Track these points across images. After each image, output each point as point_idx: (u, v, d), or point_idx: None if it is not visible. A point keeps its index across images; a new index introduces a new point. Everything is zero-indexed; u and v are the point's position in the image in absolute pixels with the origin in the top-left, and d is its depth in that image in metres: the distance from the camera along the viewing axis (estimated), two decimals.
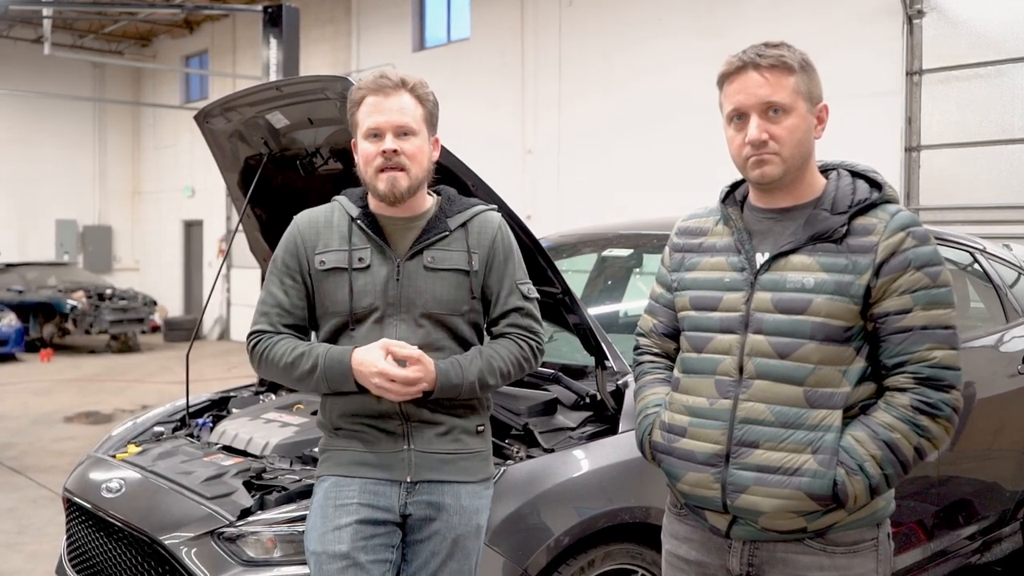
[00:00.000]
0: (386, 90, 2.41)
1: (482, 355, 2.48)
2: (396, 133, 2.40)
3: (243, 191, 3.86)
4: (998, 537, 4.44)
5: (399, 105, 2.41)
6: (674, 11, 11.20)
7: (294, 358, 2.42)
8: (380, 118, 2.40)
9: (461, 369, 2.43)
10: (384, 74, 2.44)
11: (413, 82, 2.45)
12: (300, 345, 2.45)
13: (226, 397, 4.10)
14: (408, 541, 2.47)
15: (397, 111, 2.40)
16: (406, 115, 2.41)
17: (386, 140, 2.39)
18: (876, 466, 1.97)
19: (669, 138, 10.99)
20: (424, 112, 2.46)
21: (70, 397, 11.57)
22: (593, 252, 4.81)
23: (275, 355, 2.45)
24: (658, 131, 11.13)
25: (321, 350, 2.41)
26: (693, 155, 10.68)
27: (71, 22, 19.42)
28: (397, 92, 2.42)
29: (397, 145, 2.39)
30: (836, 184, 2.09)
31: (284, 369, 2.45)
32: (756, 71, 2.04)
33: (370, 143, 2.42)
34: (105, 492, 3.17)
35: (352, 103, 2.46)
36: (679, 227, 2.34)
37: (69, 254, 21.26)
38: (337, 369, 2.37)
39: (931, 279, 1.98)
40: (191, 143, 20.12)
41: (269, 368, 2.49)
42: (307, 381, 2.43)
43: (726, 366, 2.09)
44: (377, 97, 2.41)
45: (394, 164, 2.39)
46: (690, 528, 2.23)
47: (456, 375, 2.42)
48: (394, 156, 2.38)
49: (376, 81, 2.43)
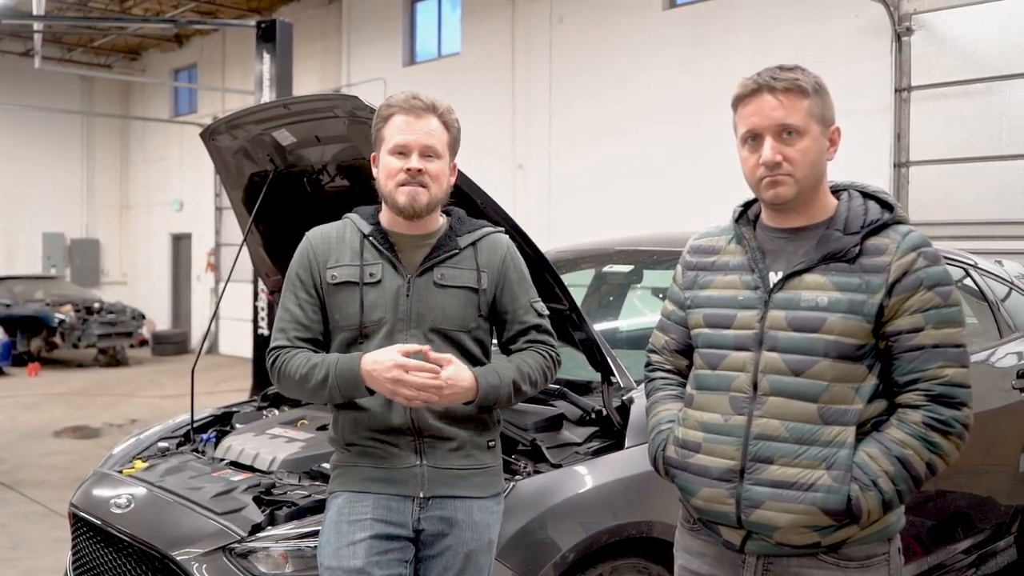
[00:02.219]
0: (417, 111, 2.47)
1: (511, 362, 2.54)
2: (422, 153, 2.45)
3: (247, 208, 3.89)
4: (993, 551, 4.48)
5: (428, 128, 2.47)
6: (665, 28, 11.27)
7: (307, 370, 2.45)
8: (409, 137, 2.45)
9: (498, 375, 2.48)
10: (416, 95, 2.49)
11: (443, 108, 2.51)
12: (313, 357, 2.48)
13: (229, 412, 4.11)
14: (421, 556, 2.50)
15: (425, 133, 2.46)
16: (433, 137, 2.47)
17: (412, 159, 2.44)
18: (889, 482, 2.00)
19: (661, 155, 11.04)
20: (449, 138, 2.52)
21: (59, 411, 11.52)
22: (591, 268, 4.85)
23: (290, 369, 2.48)
24: (650, 147, 11.19)
25: (332, 359, 2.45)
26: (685, 171, 10.75)
27: (60, 36, 19.37)
28: (428, 115, 2.48)
29: (422, 164, 2.44)
30: (848, 205, 2.14)
31: (299, 382, 2.48)
32: (771, 94, 2.08)
33: (395, 159, 2.46)
34: (114, 508, 3.17)
35: (380, 119, 2.51)
36: (691, 246, 2.37)
37: (56, 267, 21.14)
38: (347, 375, 2.39)
39: (942, 299, 2.03)
40: (180, 157, 20.12)
41: (286, 383, 2.52)
42: (321, 392, 2.46)
43: (740, 383, 2.13)
44: (408, 117, 2.47)
45: (417, 181, 2.44)
46: (703, 543, 2.26)
47: (495, 379, 2.46)
48: (418, 175, 2.44)
49: (408, 101, 2.48)
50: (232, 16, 16.85)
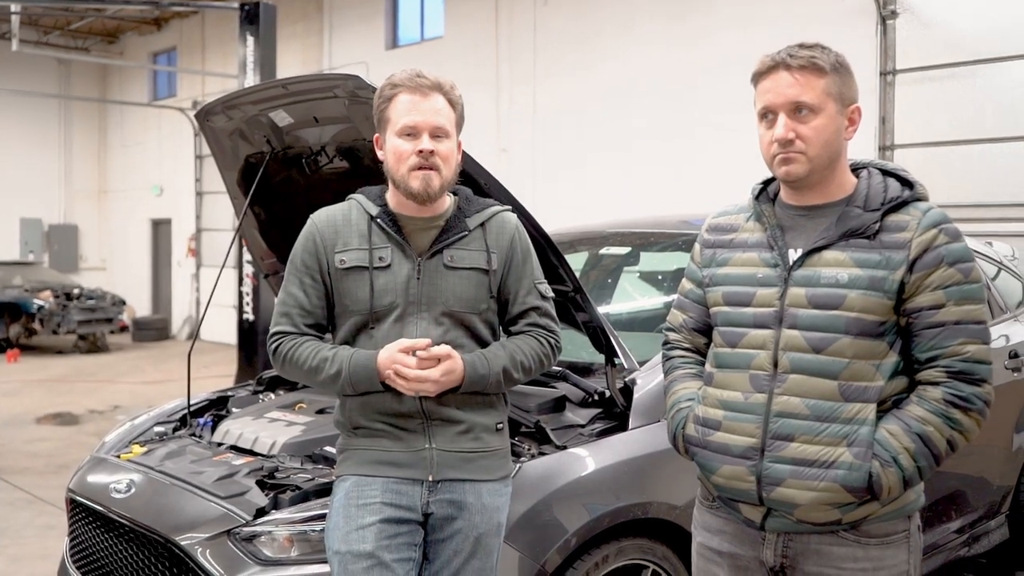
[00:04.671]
0: (424, 90, 2.41)
1: (505, 348, 2.51)
2: (432, 134, 2.40)
3: (243, 190, 3.84)
4: (985, 530, 4.52)
5: (436, 107, 2.41)
6: (648, 11, 11.24)
7: (318, 362, 2.43)
8: (418, 117, 2.39)
9: (487, 361, 2.45)
10: (420, 73, 2.44)
11: (447, 85, 2.46)
12: (323, 348, 2.45)
13: (224, 397, 4.07)
14: (430, 540, 2.48)
15: (434, 112, 2.41)
16: (442, 116, 2.42)
17: (423, 140, 2.39)
18: (910, 458, 2.00)
19: (646, 135, 11.03)
20: (456, 116, 2.47)
21: (40, 398, 11.41)
22: (588, 250, 4.83)
23: (298, 357, 2.46)
24: (635, 125, 11.17)
25: (345, 354, 2.42)
26: (671, 153, 10.74)
27: (37, 18, 19.12)
28: (434, 93, 2.42)
29: (433, 146, 2.39)
30: (868, 182, 2.13)
31: (308, 372, 2.46)
32: (787, 71, 2.07)
33: (405, 141, 2.40)
34: (114, 493, 3.14)
35: (382, 99, 2.45)
36: (710, 224, 2.36)
37: (34, 253, 20.94)
38: (363, 374, 2.38)
39: (963, 275, 2.02)
40: (159, 141, 19.93)
41: (292, 369, 2.50)
42: (331, 386, 2.45)
43: (760, 361, 2.12)
44: (414, 96, 2.41)
45: (429, 164, 2.39)
46: (723, 520, 2.25)
47: (483, 367, 2.44)
48: (430, 156, 2.39)
49: (413, 79, 2.42)
50: None
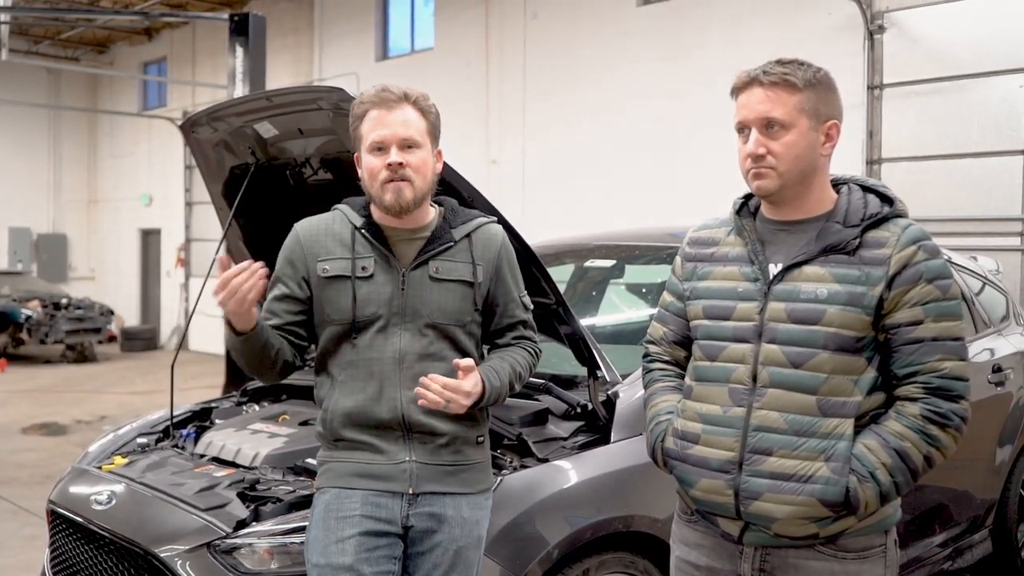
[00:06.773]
0: (389, 103, 2.41)
1: (506, 360, 2.53)
2: (401, 146, 2.39)
3: (227, 201, 3.83)
4: (969, 544, 4.52)
5: (403, 118, 2.41)
6: (638, 23, 11.27)
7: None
8: (385, 131, 2.39)
9: (497, 374, 2.47)
10: (386, 87, 2.43)
11: (416, 95, 2.45)
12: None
13: (208, 408, 4.06)
14: (410, 553, 2.47)
15: (401, 124, 2.40)
16: (410, 128, 2.41)
17: (391, 153, 2.38)
18: (887, 474, 2.01)
19: (636, 148, 11.06)
20: (427, 125, 2.46)
21: (26, 408, 11.35)
22: (574, 262, 4.84)
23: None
24: (623, 140, 11.20)
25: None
26: (660, 166, 10.77)
27: (27, 28, 19.09)
28: (400, 105, 2.42)
29: (402, 158, 2.38)
30: (848, 198, 2.14)
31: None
32: (760, 87, 2.10)
33: (375, 157, 2.41)
34: (95, 504, 3.12)
35: (354, 117, 2.45)
36: (691, 237, 2.37)
37: (23, 263, 20.84)
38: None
39: (941, 292, 2.04)
40: (149, 151, 19.88)
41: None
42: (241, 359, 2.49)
43: (740, 375, 2.13)
44: (380, 110, 2.41)
45: (400, 176, 2.38)
46: (700, 534, 2.26)
47: (496, 379, 2.46)
48: (400, 169, 2.38)
49: (379, 94, 2.42)
50: (203, 9, 16.67)
